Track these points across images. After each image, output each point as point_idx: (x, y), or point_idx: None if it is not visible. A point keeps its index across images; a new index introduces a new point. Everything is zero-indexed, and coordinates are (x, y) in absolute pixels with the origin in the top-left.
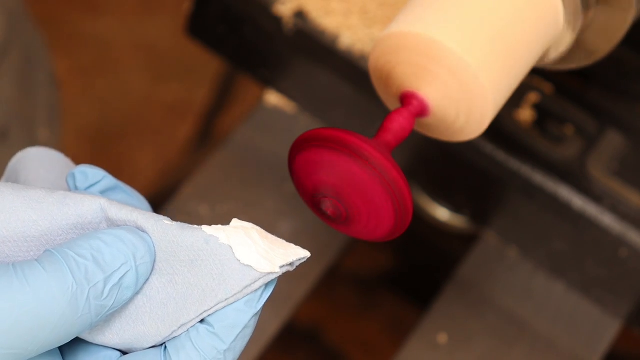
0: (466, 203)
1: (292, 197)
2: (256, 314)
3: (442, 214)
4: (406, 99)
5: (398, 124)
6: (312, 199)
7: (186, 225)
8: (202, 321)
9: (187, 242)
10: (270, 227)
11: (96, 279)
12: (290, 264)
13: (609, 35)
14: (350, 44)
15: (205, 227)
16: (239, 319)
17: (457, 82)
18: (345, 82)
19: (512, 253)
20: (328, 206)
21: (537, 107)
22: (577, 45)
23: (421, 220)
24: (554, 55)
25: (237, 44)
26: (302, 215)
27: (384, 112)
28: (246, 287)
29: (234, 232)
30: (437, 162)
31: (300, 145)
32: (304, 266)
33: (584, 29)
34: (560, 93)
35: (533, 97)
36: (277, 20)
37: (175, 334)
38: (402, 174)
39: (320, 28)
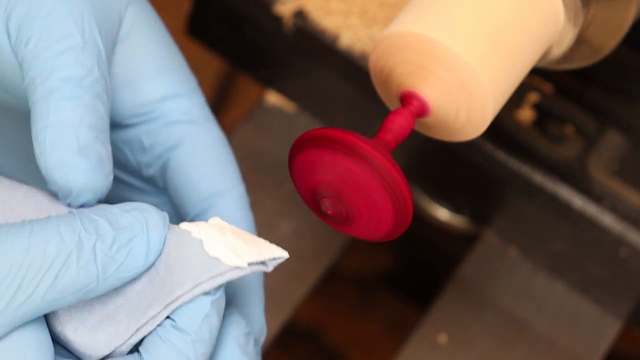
0: (466, 203)
1: (292, 197)
2: (215, 300)
3: (442, 214)
4: (406, 99)
5: (398, 124)
6: (312, 199)
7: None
8: (168, 317)
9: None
10: (270, 227)
11: (105, 232)
12: (264, 263)
13: (613, 31)
14: (350, 44)
15: (182, 224)
16: (199, 309)
17: (457, 81)
18: (345, 82)
19: (512, 253)
20: (328, 206)
21: (537, 107)
22: (582, 43)
23: (421, 220)
24: (557, 52)
25: (237, 44)
26: (302, 215)
27: (384, 112)
28: (212, 277)
29: (207, 227)
30: (437, 162)
31: (300, 146)
32: (304, 266)
33: (586, 25)
34: (560, 93)
35: (533, 97)
36: (277, 20)
37: (143, 330)
38: (402, 174)
39: (320, 28)
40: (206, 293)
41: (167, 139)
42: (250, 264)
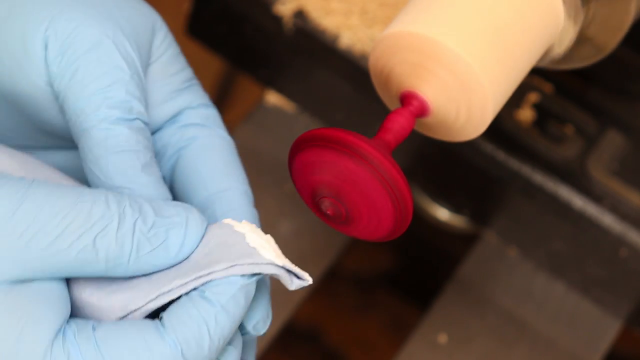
0: (466, 203)
1: (292, 197)
2: (246, 285)
3: (442, 214)
4: (406, 99)
5: (398, 124)
6: (312, 199)
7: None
8: (195, 289)
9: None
10: (270, 227)
11: (147, 214)
12: (291, 278)
13: (614, 29)
14: (350, 44)
15: (225, 219)
16: (230, 287)
17: (457, 81)
18: (345, 82)
19: (512, 253)
20: (328, 206)
21: (537, 107)
22: (583, 41)
23: (421, 220)
24: (558, 51)
25: (237, 44)
26: (302, 215)
27: (384, 112)
28: (249, 264)
29: (249, 225)
30: (437, 162)
31: (300, 146)
32: (304, 266)
33: (587, 24)
34: (560, 93)
35: (533, 97)
36: (277, 20)
37: (166, 296)
38: (402, 174)
39: (321, 28)
40: (241, 276)
41: (179, 140)
42: (284, 267)
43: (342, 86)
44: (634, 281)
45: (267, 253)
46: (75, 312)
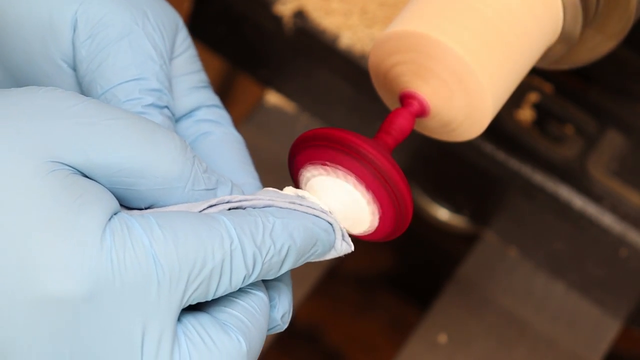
0: (466, 203)
1: None
2: (309, 228)
3: (442, 214)
4: (406, 98)
5: (398, 124)
6: None
7: None
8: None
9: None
10: None
11: (201, 161)
12: (344, 241)
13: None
14: (350, 44)
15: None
16: (294, 217)
17: (456, 81)
18: (345, 82)
19: (512, 253)
20: None
21: (537, 107)
22: (596, 31)
23: (421, 220)
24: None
25: (237, 44)
26: None
27: (384, 112)
28: (306, 205)
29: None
30: (437, 162)
31: (300, 145)
32: (304, 266)
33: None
34: (560, 93)
35: (533, 97)
36: (277, 20)
37: (223, 206)
38: (402, 174)
39: (320, 28)
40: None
41: (194, 134)
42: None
43: (342, 86)
44: (634, 281)
45: (323, 206)
46: None
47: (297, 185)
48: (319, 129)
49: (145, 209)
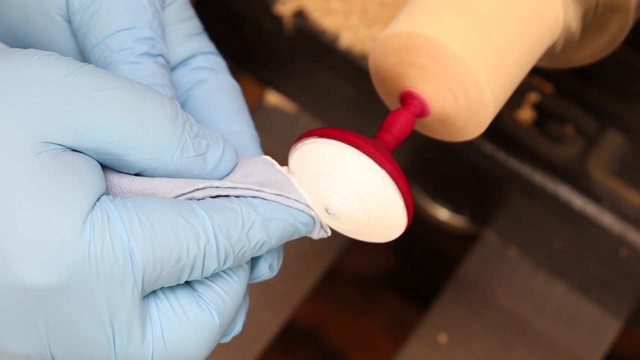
0: (466, 203)
1: None
2: (291, 220)
3: (442, 214)
4: (406, 98)
5: (398, 124)
6: None
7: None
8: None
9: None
10: None
11: (193, 122)
12: (318, 228)
13: (621, 14)
14: (350, 44)
15: (265, 156)
16: (277, 209)
17: (457, 81)
18: (345, 82)
19: (512, 253)
20: None
21: (537, 107)
22: (596, 31)
23: (421, 220)
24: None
25: (237, 44)
26: None
27: (384, 112)
28: (293, 198)
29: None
30: (437, 162)
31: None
32: (304, 266)
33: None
34: (560, 93)
35: (533, 97)
36: (277, 20)
37: (210, 191)
38: (402, 174)
39: (321, 28)
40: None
41: (190, 82)
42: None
43: (342, 86)
44: (634, 281)
45: (305, 198)
46: None
47: None
48: (318, 128)
49: (135, 175)
